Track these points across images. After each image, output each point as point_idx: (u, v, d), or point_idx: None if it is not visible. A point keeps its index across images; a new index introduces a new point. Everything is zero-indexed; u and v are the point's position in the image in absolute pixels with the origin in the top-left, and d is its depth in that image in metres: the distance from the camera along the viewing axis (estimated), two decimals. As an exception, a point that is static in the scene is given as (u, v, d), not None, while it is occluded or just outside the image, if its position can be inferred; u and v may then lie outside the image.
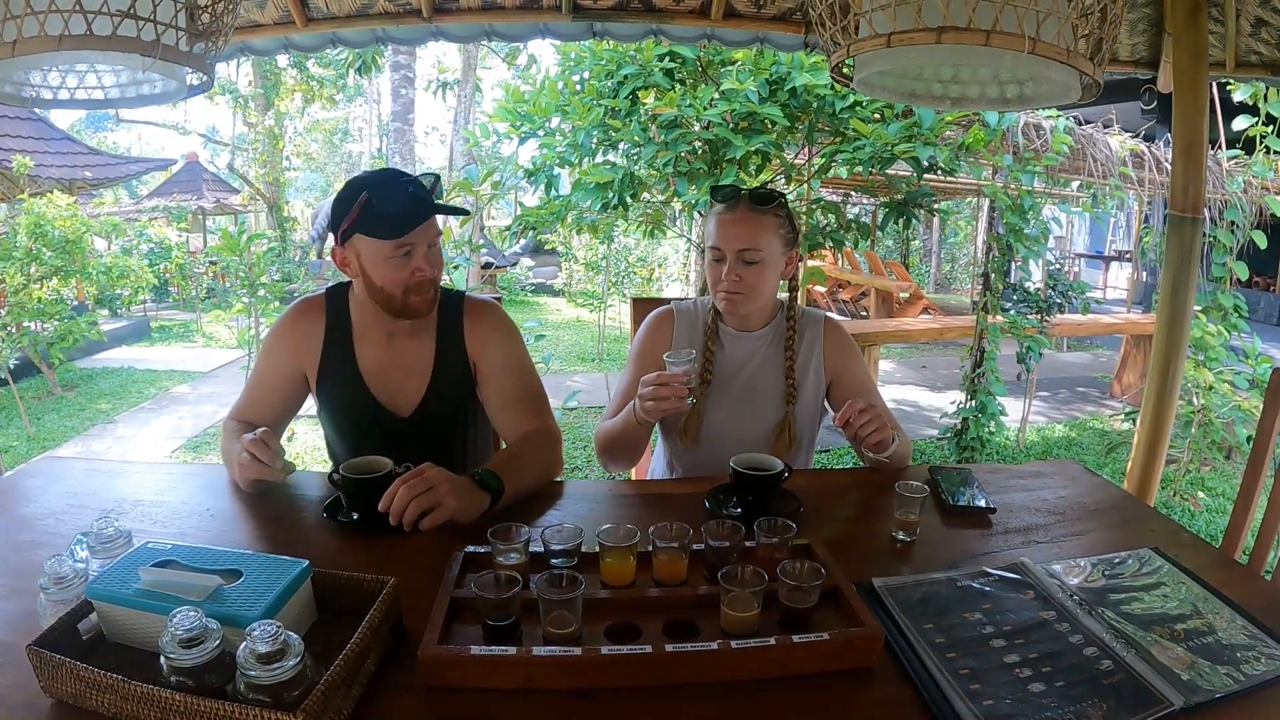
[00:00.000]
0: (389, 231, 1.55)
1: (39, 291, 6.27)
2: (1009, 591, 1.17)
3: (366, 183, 1.58)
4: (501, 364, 1.74)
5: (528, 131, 4.37)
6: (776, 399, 1.80)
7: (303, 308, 1.75)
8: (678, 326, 1.86)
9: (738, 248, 1.69)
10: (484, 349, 1.74)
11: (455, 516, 1.30)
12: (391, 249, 1.56)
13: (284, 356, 1.72)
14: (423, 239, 1.59)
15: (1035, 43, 1.12)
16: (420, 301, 1.62)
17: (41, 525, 1.39)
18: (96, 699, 0.86)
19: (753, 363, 1.82)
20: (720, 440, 1.77)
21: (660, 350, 1.79)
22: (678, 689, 0.96)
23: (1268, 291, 11.43)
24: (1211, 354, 4.29)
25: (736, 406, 1.81)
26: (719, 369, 1.82)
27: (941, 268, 16.39)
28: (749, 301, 1.75)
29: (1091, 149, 5.37)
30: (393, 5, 2.59)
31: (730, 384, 1.81)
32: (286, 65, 14.19)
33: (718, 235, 1.71)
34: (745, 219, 1.70)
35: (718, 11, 2.63)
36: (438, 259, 1.65)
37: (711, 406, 1.80)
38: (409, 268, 1.59)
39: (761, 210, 1.71)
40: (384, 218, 1.55)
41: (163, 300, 12.07)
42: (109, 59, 1.22)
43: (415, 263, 1.59)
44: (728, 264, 1.70)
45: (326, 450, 1.91)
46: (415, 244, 1.58)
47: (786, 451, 1.76)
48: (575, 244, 11.20)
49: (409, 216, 1.55)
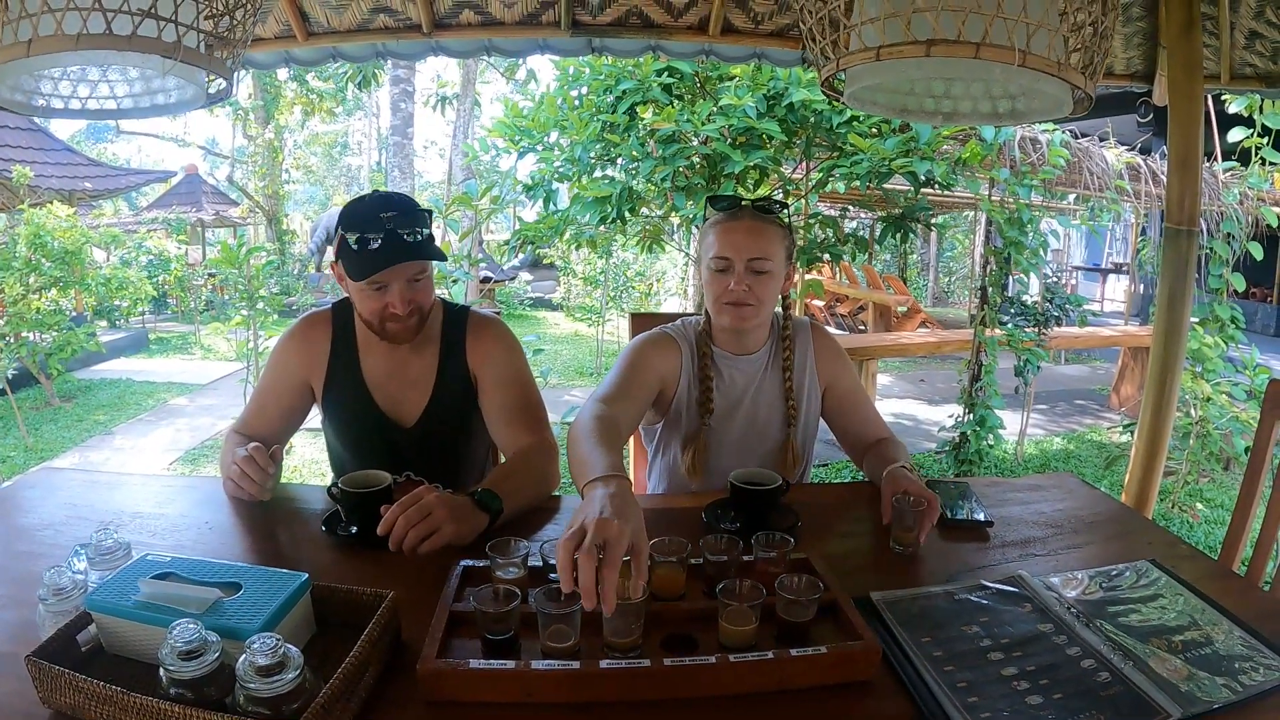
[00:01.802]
0: (360, 272, 1.56)
1: (38, 302, 6.28)
2: (1007, 604, 1.18)
3: (348, 216, 1.59)
4: (501, 377, 1.74)
5: (526, 146, 4.39)
6: (778, 422, 1.77)
7: (310, 321, 1.78)
8: (684, 355, 1.74)
9: (747, 257, 1.61)
10: (485, 363, 1.75)
11: (453, 540, 1.30)
12: (365, 284, 1.58)
13: (290, 368, 1.75)
14: (398, 276, 1.59)
15: (1026, 55, 1.13)
16: (399, 329, 1.64)
17: (40, 536, 1.39)
18: (95, 710, 0.86)
19: (752, 389, 1.76)
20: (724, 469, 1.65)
21: (669, 375, 1.71)
22: (676, 703, 0.96)
23: (1264, 303, 11.45)
24: (1209, 365, 4.30)
25: (740, 438, 1.75)
26: (721, 399, 1.74)
27: (939, 281, 16.42)
28: (758, 314, 1.67)
29: (1088, 162, 5.41)
30: (393, 20, 2.61)
31: (734, 414, 1.75)
32: (286, 78, 14.25)
33: (724, 244, 1.63)
34: (752, 228, 1.63)
35: (715, 27, 2.65)
36: (421, 293, 1.65)
37: (716, 440, 1.74)
38: (383, 301, 1.61)
39: (766, 220, 1.66)
40: (357, 256, 1.56)
41: (161, 312, 12.06)
42: (128, 60, 1.17)
43: (389, 298, 1.60)
44: (736, 273, 1.62)
45: (329, 461, 1.92)
46: (389, 281, 1.59)
47: (790, 472, 1.74)
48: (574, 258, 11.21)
49: (378, 259, 1.55)
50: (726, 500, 1.48)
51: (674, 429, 1.78)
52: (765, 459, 1.75)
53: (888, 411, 6.72)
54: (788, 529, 1.37)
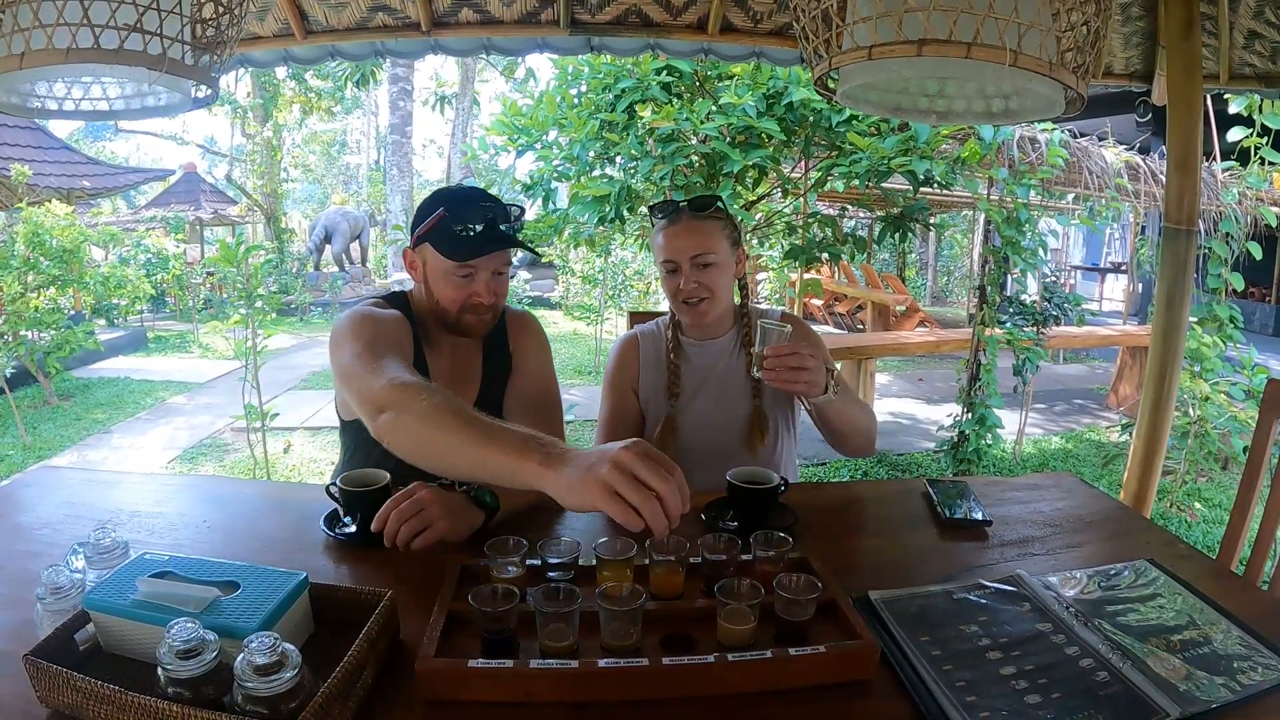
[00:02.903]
0: (456, 253, 1.57)
1: (36, 300, 6.27)
2: (1005, 604, 1.18)
3: (448, 197, 1.61)
4: (530, 369, 1.80)
5: (525, 145, 4.39)
6: (743, 396, 1.85)
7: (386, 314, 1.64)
8: (644, 349, 1.91)
9: (690, 255, 1.74)
10: (521, 354, 1.80)
11: (447, 536, 1.29)
12: (454, 268, 1.59)
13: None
14: (488, 265, 1.61)
15: (1017, 55, 1.13)
16: (475, 322, 1.65)
17: (38, 535, 1.39)
18: (93, 709, 0.86)
19: (717, 370, 1.88)
20: (694, 447, 1.83)
21: (629, 376, 1.89)
22: (674, 702, 0.96)
23: (1263, 302, 11.45)
24: (1207, 365, 4.30)
25: (707, 416, 1.85)
26: (685, 381, 1.87)
27: (938, 281, 16.42)
28: (712, 306, 1.79)
29: (1087, 162, 5.41)
30: (392, 19, 2.61)
31: (700, 394, 1.87)
32: (285, 77, 14.24)
33: (669, 248, 1.76)
34: (691, 228, 1.76)
35: (715, 26, 2.65)
36: (502, 287, 1.67)
37: (685, 419, 1.85)
38: (468, 290, 1.61)
39: (704, 216, 1.77)
40: (455, 238, 1.57)
41: (160, 310, 12.05)
42: (115, 72, 1.22)
43: (475, 287, 1.61)
44: (683, 273, 1.75)
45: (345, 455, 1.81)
46: (479, 269, 1.60)
47: (762, 441, 1.81)
48: (572, 257, 11.20)
49: (479, 242, 1.57)
50: (725, 499, 1.49)
51: (647, 414, 1.91)
52: (733, 429, 1.84)
53: (886, 410, 6.72)
54: (786, 528, 1.37)
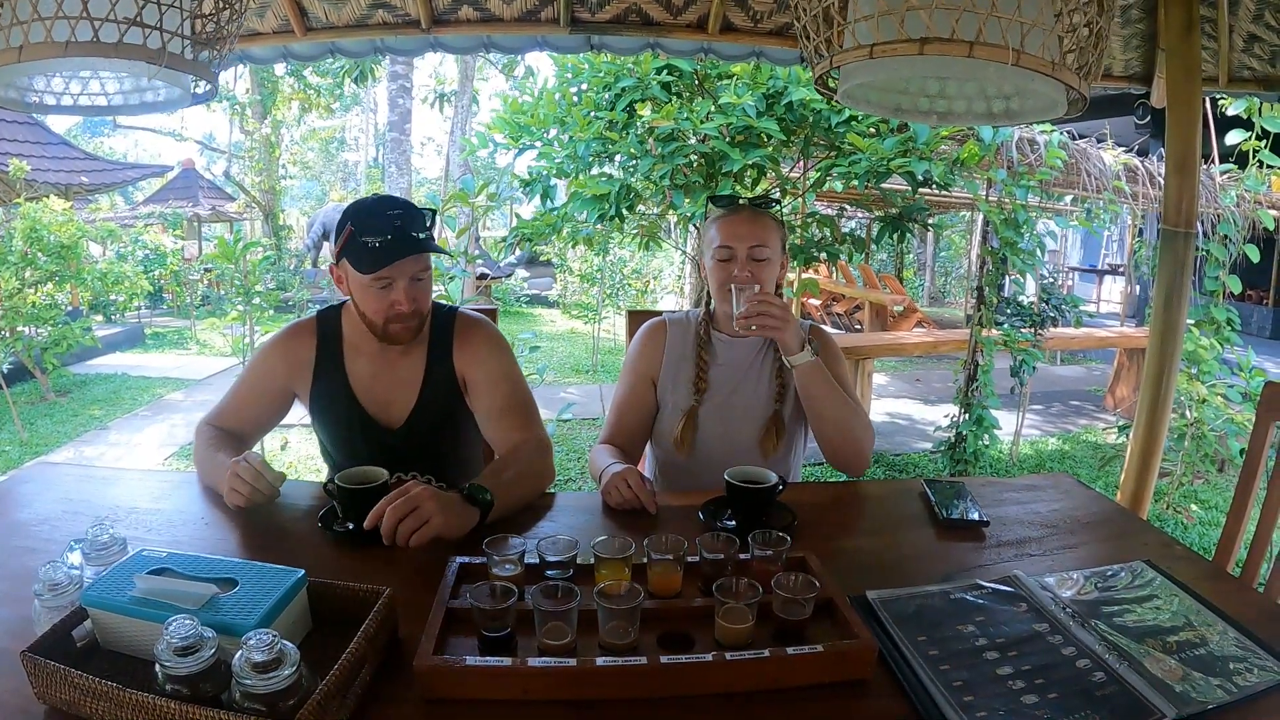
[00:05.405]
0: (366, 265, 1.58)
1: (34, 296, 6.26)
2: (1002, 604, 1.18)
3: (355, 210, 1.63)
4: (490, 376, 1.76)
5: (525, 143, 4.38)
6: (766, 399, 1.85)
7: (294, 330, 1.80)
8: (670, 337, 1.91)
9: (748, 245, 1.76)
10: (473, 363, 1.77)
11: (442, 533, 1.30)
12: (370, 280, 1.60)
13: (273, 375, 1.77)
14: (403, 273, 1.62)
15: (1020, 55, 1.12)
16: (400, 330, 1.67)
17: (35, 531, 1.39)
18: (91, 706, 0.86)
19: (744, 369, 1.87)
20: (710, 446, 1.83)
21: (650, 364, 1.89)
22: (672, 701, 0.96)
23: (1260, 305, 11.47)
24: (1204, 367, 4.31)
25: (728, 413, 1.85)
26: (714, 378, 1.86)
27: (936, 281, 16.43)
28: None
29: (1085, 163, 5.41)
30: (392, 16, 2.60)
31: (726, 391, 1.86)
32: (284, 73, 14.22)
33: (726, 234, 1.78)
34: (751, 219, 1.79)
35: (715, 26, 2.65)
36: (423, 292, 1.68)
37: (705, 415, 1.84)
38: (388, 299, 1.63)
39: (763, 212, 1.82)
40: (364, 250, 1.58)
41: (157, 307, 12.01)
42: (114, 66, 1.22)
43: (394, 295, 1.63)
44: (739, 260, 1.76)
45: (322, 457, 1.92)
46: (394, 278, 1.61)
47: (775, 447, 1.81)
48: (570, 256, 11.19)
49: (386, 252, 1.58)
50: (723, 498, 1.49)
51: (664, 407, 1.90)
52: (750, 431, 1.84)
53: (883, 410, 6.73)
54: (784, 527, 1.37)
